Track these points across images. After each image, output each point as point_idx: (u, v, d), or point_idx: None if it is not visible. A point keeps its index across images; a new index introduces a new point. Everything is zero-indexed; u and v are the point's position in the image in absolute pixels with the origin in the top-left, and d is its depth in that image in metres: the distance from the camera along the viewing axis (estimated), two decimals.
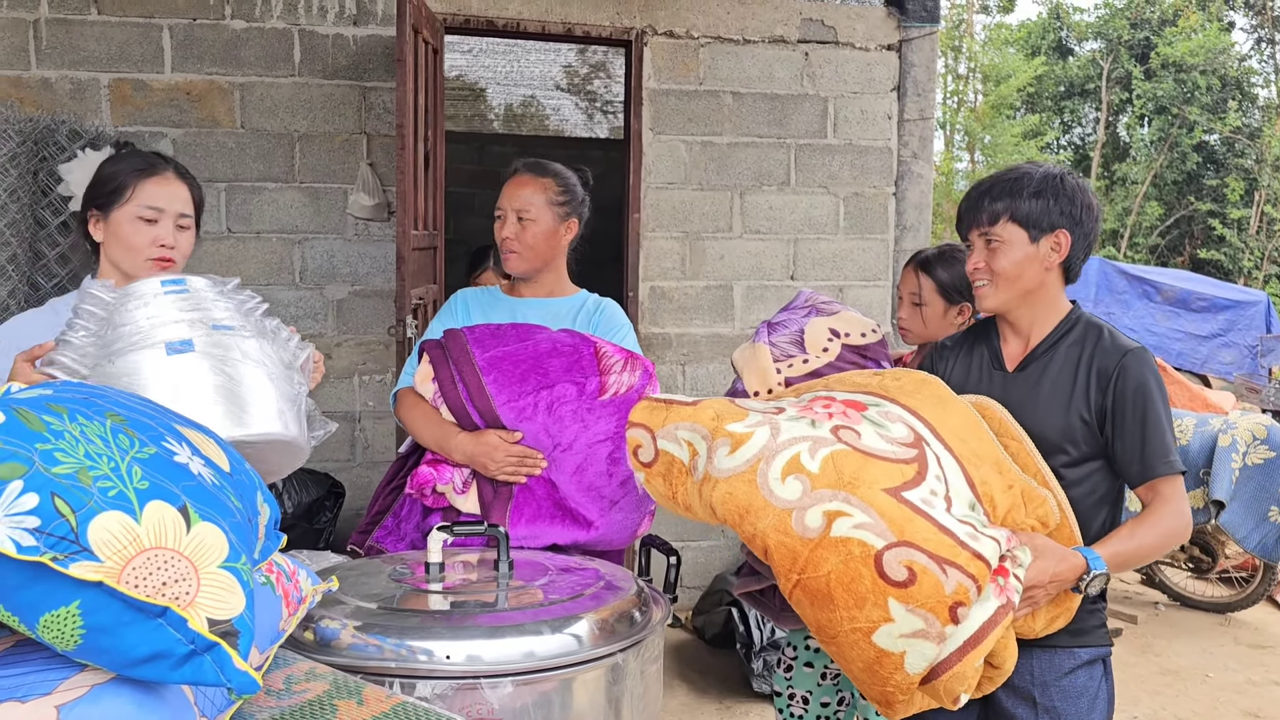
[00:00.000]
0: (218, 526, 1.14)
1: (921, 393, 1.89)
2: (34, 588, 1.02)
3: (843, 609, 1.61)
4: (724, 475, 1.72)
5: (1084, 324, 2.00)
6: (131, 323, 1.68)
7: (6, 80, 3.95)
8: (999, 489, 1.79)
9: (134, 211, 2.00)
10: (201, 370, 1.67)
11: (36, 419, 1.11)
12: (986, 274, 1.98)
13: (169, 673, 1.06)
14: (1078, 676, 1.93)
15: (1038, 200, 1.93)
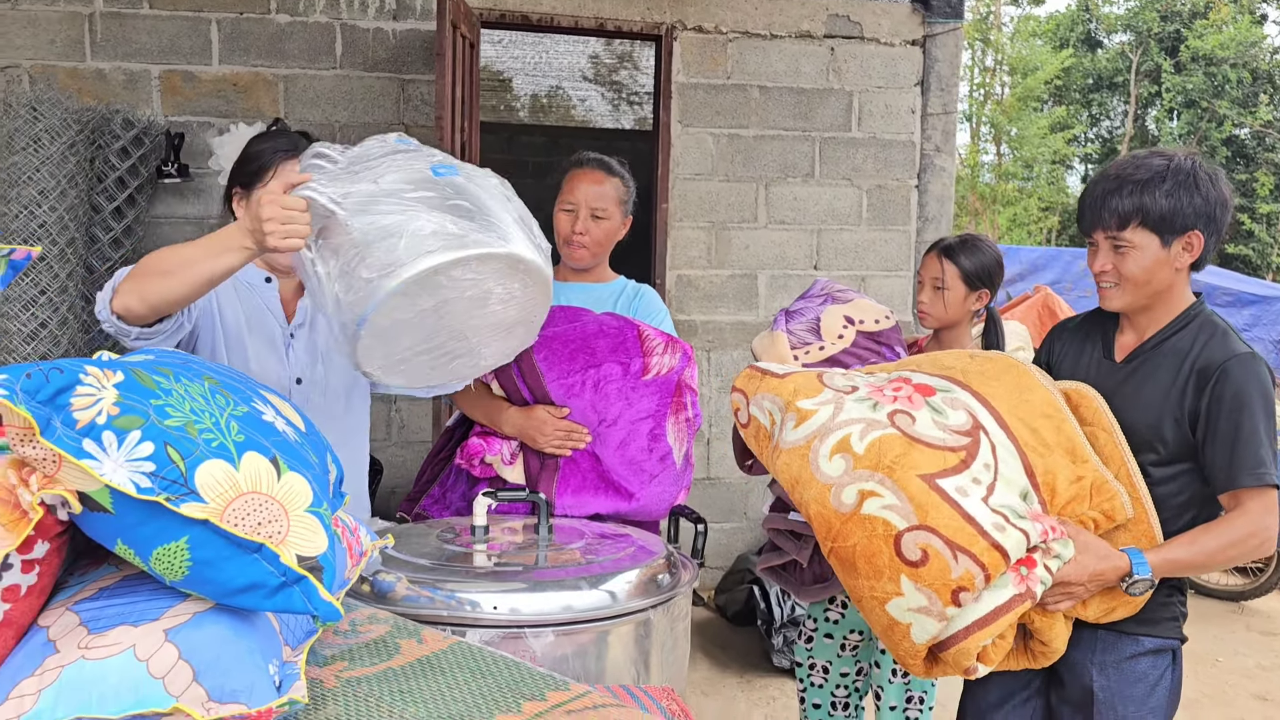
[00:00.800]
0: (303, 476, 1.29)
1: (1003, 379, 1.94)
2: (149, 524, 1.17)
3: (864, 578, 1.77)
4: (786, 446, 1.90)
5: (1201, 320, 1.92)
6: (384, 153, 1.72)
7: (64, 71, 4.12)
8: (1065, 479, 1.84)
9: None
10: (466, 190, 1.72)
11: (149, 378, 1.26)
12: (1114, 277, 1.91)
13: (263, 601, 1.21)
14: (1139, 663, 1.94)
15: (1170, 200, 1.83)
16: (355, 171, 1.68)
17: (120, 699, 1.12)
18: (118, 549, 1.20)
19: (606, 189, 2.47)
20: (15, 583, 1.16)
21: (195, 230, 4.26)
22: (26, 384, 1.15)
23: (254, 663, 1.19)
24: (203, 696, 1.14)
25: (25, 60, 4.10)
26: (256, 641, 1.22)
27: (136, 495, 1.14)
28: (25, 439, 1.14)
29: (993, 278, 2.72)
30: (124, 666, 1.14)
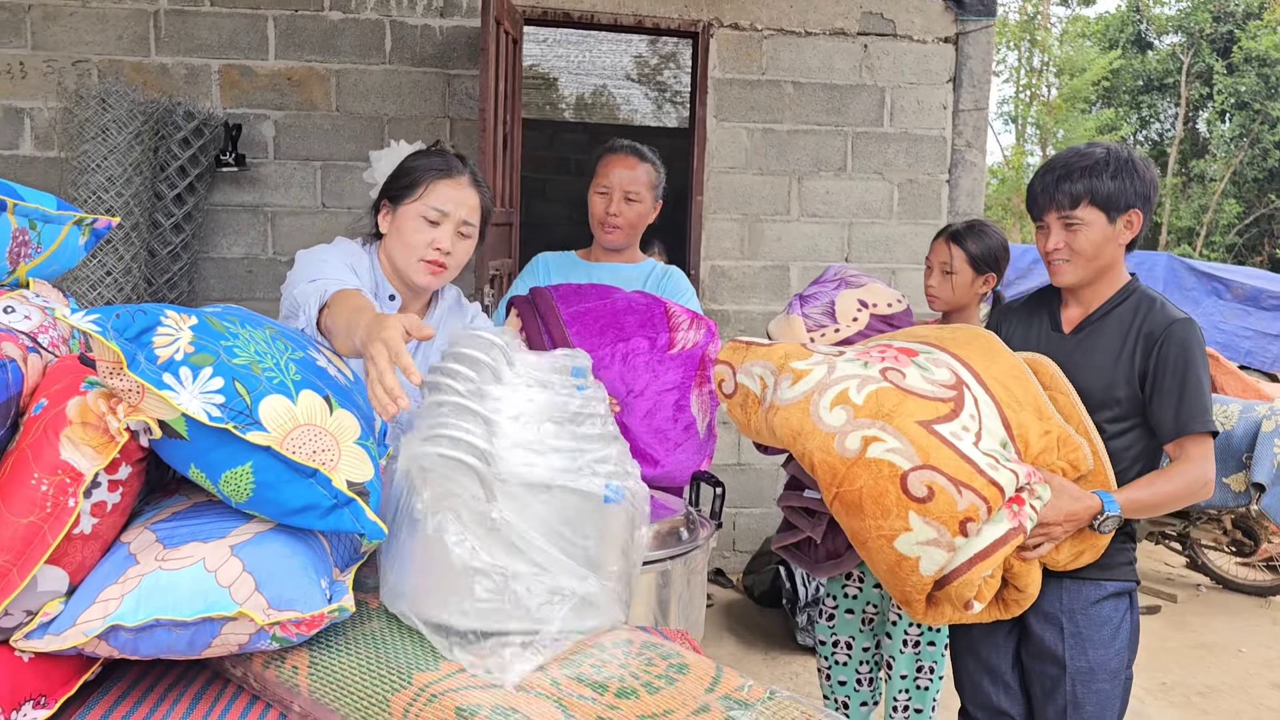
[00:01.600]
0: (352, 413, 1.44)
1: (974, 344, 2.14)
2: (219, 450, 1.33)
3: (871, 518, 1.88)
4: (784, 404, 2.01)
5: (1139, 294, 2.14)
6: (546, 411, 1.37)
7: (130, 65, 4.35)
8: (1035, 433, 2.02)
9: (420, 210, 1.98)
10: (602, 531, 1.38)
11: (219, 323, 1.43)
12: (1066, 253, 2.10)
13: (317, 521, 1.36)
14: (1104, 606, 2.13)
15: (1115, 182, 2.03)
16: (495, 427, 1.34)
17: (192, 603, 1.28)
18: (191, 473, 1.37)
19: (639, 173, 2.62)
20: (103, 499, 1.32)
21: (251, 217, 4.47)
22: (116, 323, 1.31)
23: (308, 576, 1.35)
24: (263, 604, 1.29)
25: (95, 55, 4.33)
26: (310, 559, 1.38)
27: (208, 423, 1.30)
28: (114, 371, 1.31)
29: (998, 261, 2.82)
30: (195, 576, 1.30)
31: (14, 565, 1.26)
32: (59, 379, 1.37)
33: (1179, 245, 21.75)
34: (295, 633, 1.31)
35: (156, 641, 1.29)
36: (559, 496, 1.30)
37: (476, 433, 1.31)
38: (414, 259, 1.99)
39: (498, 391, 1.35)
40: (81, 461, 1.28)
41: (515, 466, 1.30)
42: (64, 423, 1.30)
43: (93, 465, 1.29)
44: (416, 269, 2.00)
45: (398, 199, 2.03)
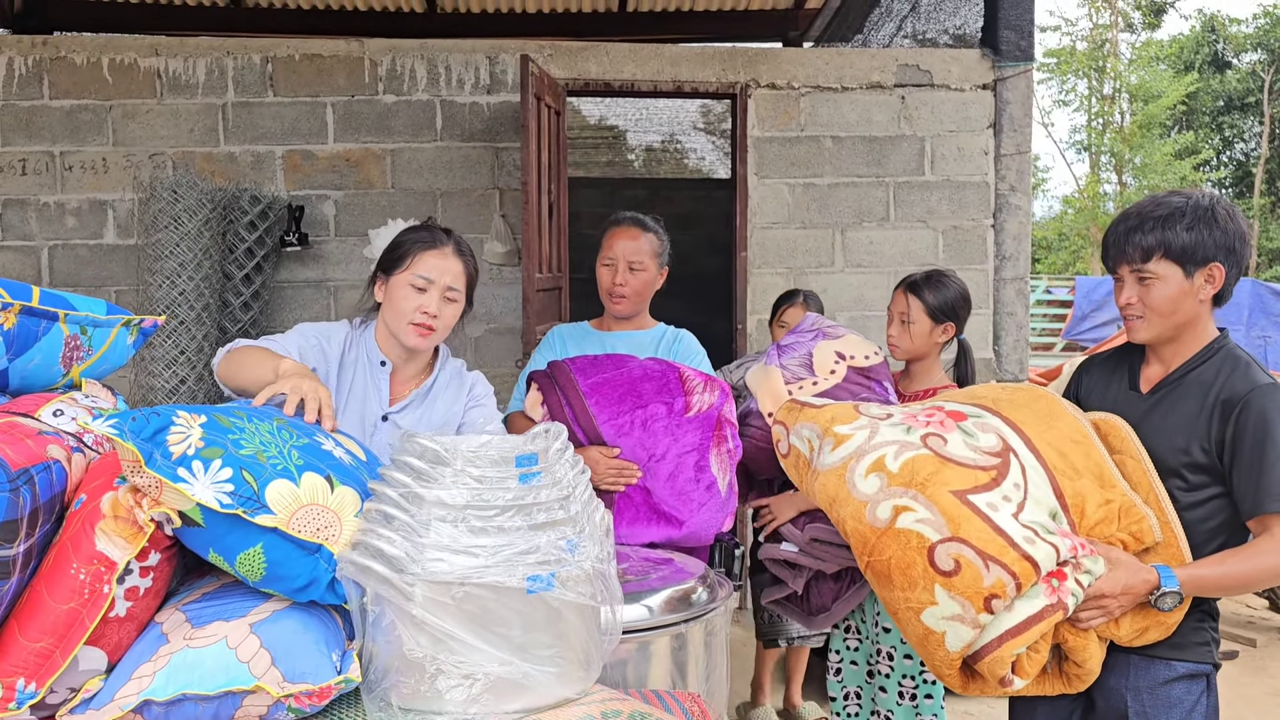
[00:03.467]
0: (353, 488, 1.57)
1: (1031, 407, 2.06)
2: (233, 534, 1.46)
3: (899, 589, 1.87)
4: (824, 469, 2.03)
5: (1224, 354, 2.00)
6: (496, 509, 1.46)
7: (200, 155, 4.65)
8: (1094, 502, 1.93)
9: (409, 279, 2.16)
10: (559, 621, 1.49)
11: (226, 419, 1.56)
12: (1140, 309, 1.99)
13: (323, 593, 1.48)
14: (1174, 688, 1.98)
15: (1191, 234, 1.92)
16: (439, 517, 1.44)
17: (215, 678, 1.40)
18: (210, 556, 1.50)
19: (641, 244, 2.74)
20: (135, 585, 1.46)
21: (315, 293, 4.71)
22: (133, 425, 1.46)
23: (319, 650, 1.46)
24: (279, 677, 1.41)
25: (169, 148, 4.64)
26: (322, 633, 1.50)
27: (221, 510, 1.43)
28: (135, 469, 1.45)
29: (957, 311, 2.82)
30: (218, 653, 1.43)
31: (57, 647, 1.40)
32: (98, 476, 1.52)
33: (1271, 267, 21.02)
34: (308, 704, 1.42)
35: (185, 714, 1.41)
36: (472, 591, 1.41)
37: (394, 539, 1.44)
38: (404, 323, 2.17)
39: (430, 494, 1.46)
40: (115, 551, 1.42)
41: (432, 566, 1.42)
42: (98, 516, 1.44)
43: (124, 554, 1.43)
44: (406, 331, 2.17)
45: (389, 270, 2.22)
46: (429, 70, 4.73)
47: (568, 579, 1.49)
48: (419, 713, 1.43)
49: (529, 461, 1.54)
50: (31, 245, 4.64)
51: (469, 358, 4.79)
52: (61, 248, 4.65)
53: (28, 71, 4.61)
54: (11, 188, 4.62)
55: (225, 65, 4.67)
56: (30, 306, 1.64)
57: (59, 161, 4.63)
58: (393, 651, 1.45)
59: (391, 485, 1.52)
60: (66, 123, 4.62)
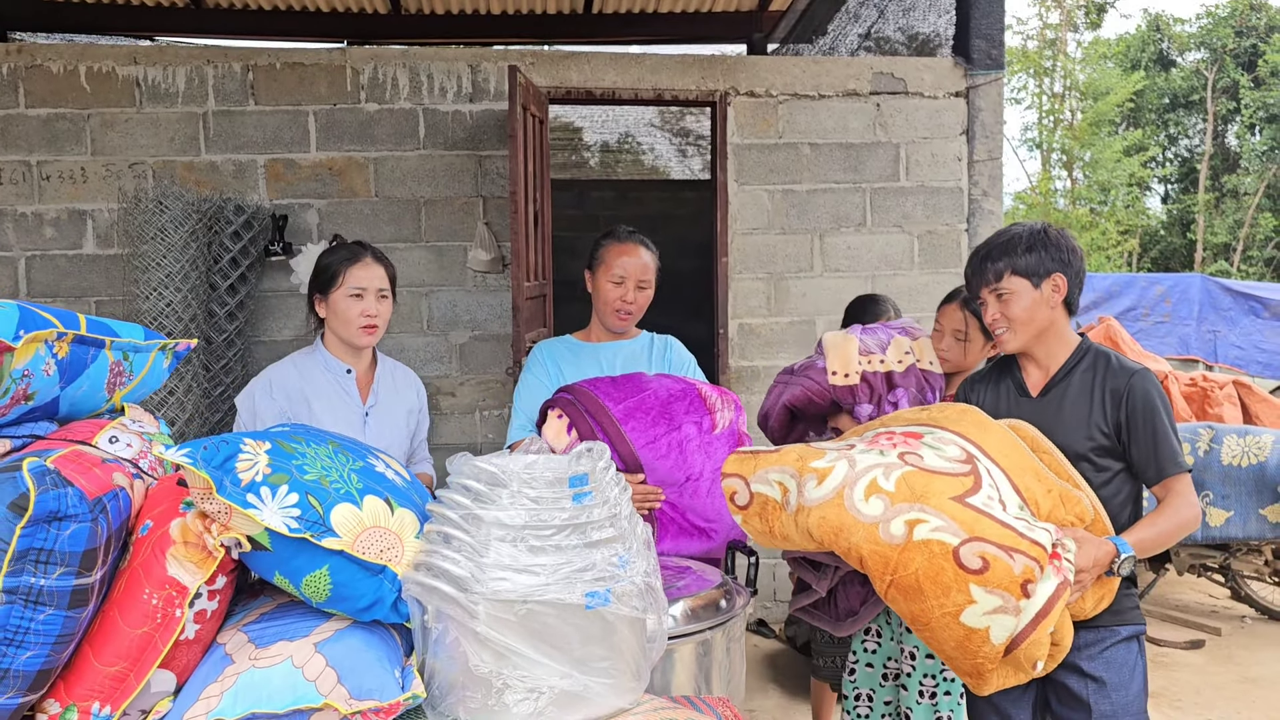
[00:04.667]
0: (411, 511, 1.62)
1: (964, 420, 2.25)
2: (299, 557, 1.51)
3: (932, 598, 1.92)
4: (816, 503, 2.06)
5: (1093, 353, 2.36)
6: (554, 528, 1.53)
7: (181, 165, 4.62)
8: (1040, 493, 2.14)
9: (345, 292, 2.54)
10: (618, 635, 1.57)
11: (289, 445, 1.61)
12: (1004, 322, 2.33)
13: (387, 613, 1.54)
14: (1118, 650, 2.25)
15: (1031, 254, 2.29)
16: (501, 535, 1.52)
17: (283, 697, 1.45)
18: (276, 579, 1.54)
19: (648, 262, 2.82)
20: (204, 608, 1.50)
21: (298, 301, 4.71)
22: (204, 454, 1.50)
23: (383, 667, 1.52)
24: (345, 695, 1.46)
25: (149, 157, 4.61)
26: (384, 651, 1.55)
27: (288, 534, 1.48)
28: (205, 496, 1.49)
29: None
30: (285, 672, 1.47)
31: (131, 670, 1.44)
32: (160, 502, 1.56)
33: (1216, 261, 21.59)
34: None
35: None
36: (535, 608, 1.49)
37: (458, 559, 1.51)
38: (354, 328, 2.55)
39: (488, 514, 1.53)
40: (186, 576, 1.47)
41: (495, 585, 1.49)
42: (169, 542, 1.48)
43: (195, 579, 1.47)
44: (357, 335, 2.56)
45: (326, 289, 2.57)
46: (411, 78, 4.75)
47: (622, 594, 1.56)
48: None
49: (581, 481, 1.60)
50: (9, 256, 4.58)
51: (454, 365, 4.83)
52: (40, 258, 4.60)
53: (2, 80, 4.55)
54: None
55: (205, 73, 4.65)
56: (81, 335, 1.67)
57: (36, 171, 4.58)
58: (456, 667, 1.51)
59: (450, 507, 1.57)
60: (43, 132, 4.57)
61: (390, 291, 2.64)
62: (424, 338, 4.81)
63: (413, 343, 4.79)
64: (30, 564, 1.32)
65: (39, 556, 1.33)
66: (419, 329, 4.81)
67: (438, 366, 4.81)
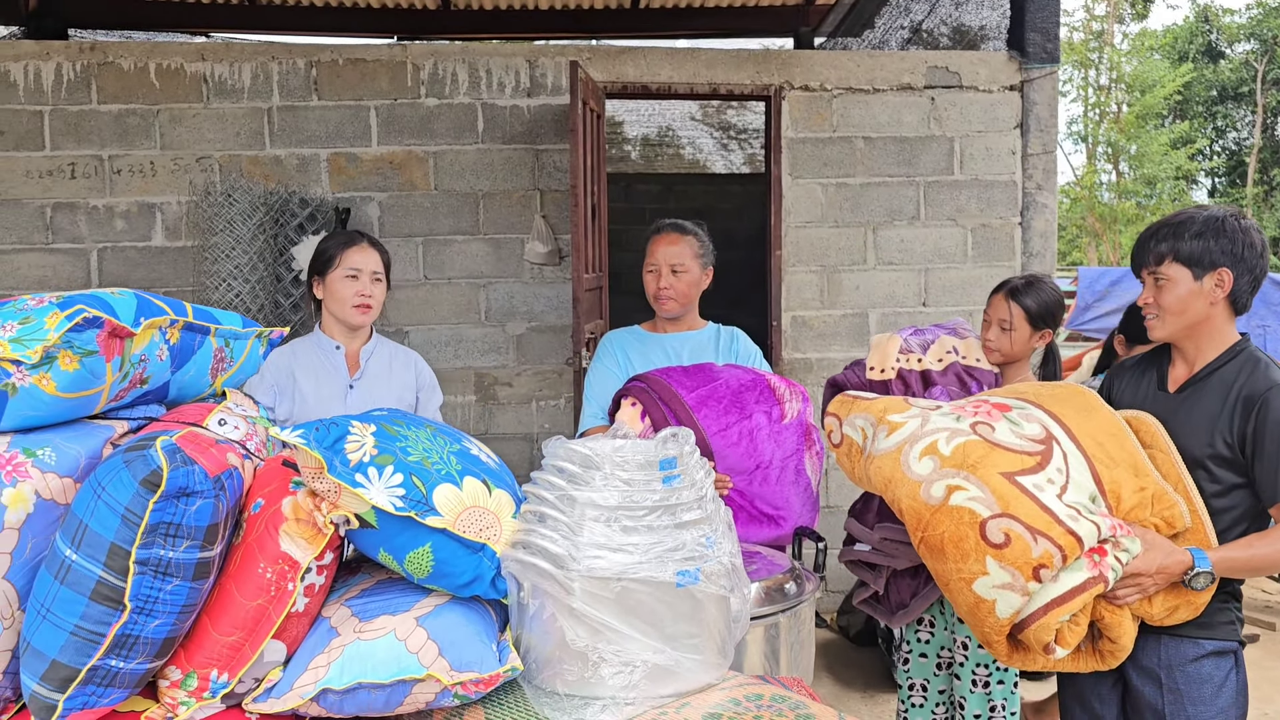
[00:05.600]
0: (507, 492, 1.69)
1: (1071, 402, 2.24)
2: (403, 535, 1.57)
3: (952, 561, 2.01)
4: (879, 453, 2.18)
5: (1245, 355, 2.18)
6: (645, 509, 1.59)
7: (246, 159, 4.73)
8: (1129, 488, 2.10)
9: (342, 273, 2.68)
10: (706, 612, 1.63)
11: (392, 428, 1.68)
12: (1155, 308, 2.20)
13: (486, 589, 1.60)
14: (1203, 665, 2.15)
15: (1199, 241, 2.12)
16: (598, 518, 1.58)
17: (388, 668, 1.52)
18: (380, 556, 1.61)
19: (681, 247, 2.87)
20: (313, 582, 1.57)
21: None
22: (315, 435, 1.58)
23: (481, 641, 1.58)
24: (447, 667, 1.53)
25: (216, 151, 4.72)
26: (482, 625, 1.62)
27: (394, 513, 1.55)
28: (316, 475, 1.56)
29: (1055, 316, 2.93)
30: (389, 645, 1.54)
31: (246, 640, 1.52)
32: (269, 481, 1.63)
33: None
34: (474, 690, 1.54)
35: (358, 701, 1.53)
36: (628, 586, 1.54)
37: (555, 538, 1.57)
38: (348, 306, 2.68)
39: (582, 495, 1.59)
40: (298, 552, 1.54)
41: (590, 562, 1.55)
42: (281, 520, 1.55)
43: (307, 555, 1.55)
44: (351, 313, 2.68)
45: (324, 271, 2.72)
46: (470, 74, 4.82)
47: (710, 573, 1.61)
48: (581, 698, 1.55)
49: (670, 465, 1.66)
50: (81, 248, 4.72)
51: (511, 355, 4.90)
52: (111, 250, 4.74)
53: (76, 77, 4.69)
54: (61, 191, 4.70)
55: (270, 69, 4.75)
56: (190, 322, 1.75)
57: (108, 165, 4.71)
58: (552, 642, 1.57)
59: (546, 488, 1.63)
60: (115, 127, 4.70)
61: (385, 276, 2.77)
62: (481, 329, 4.89)
63: (470, 333, 4.87)
64: (160, 537, 1.40)
65: (168, 530, 1.40)
66: (477, 320, 4.89)
67: (495, 357, 4.89)
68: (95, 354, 1.53)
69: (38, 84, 4.67)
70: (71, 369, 1.51)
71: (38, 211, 4.70)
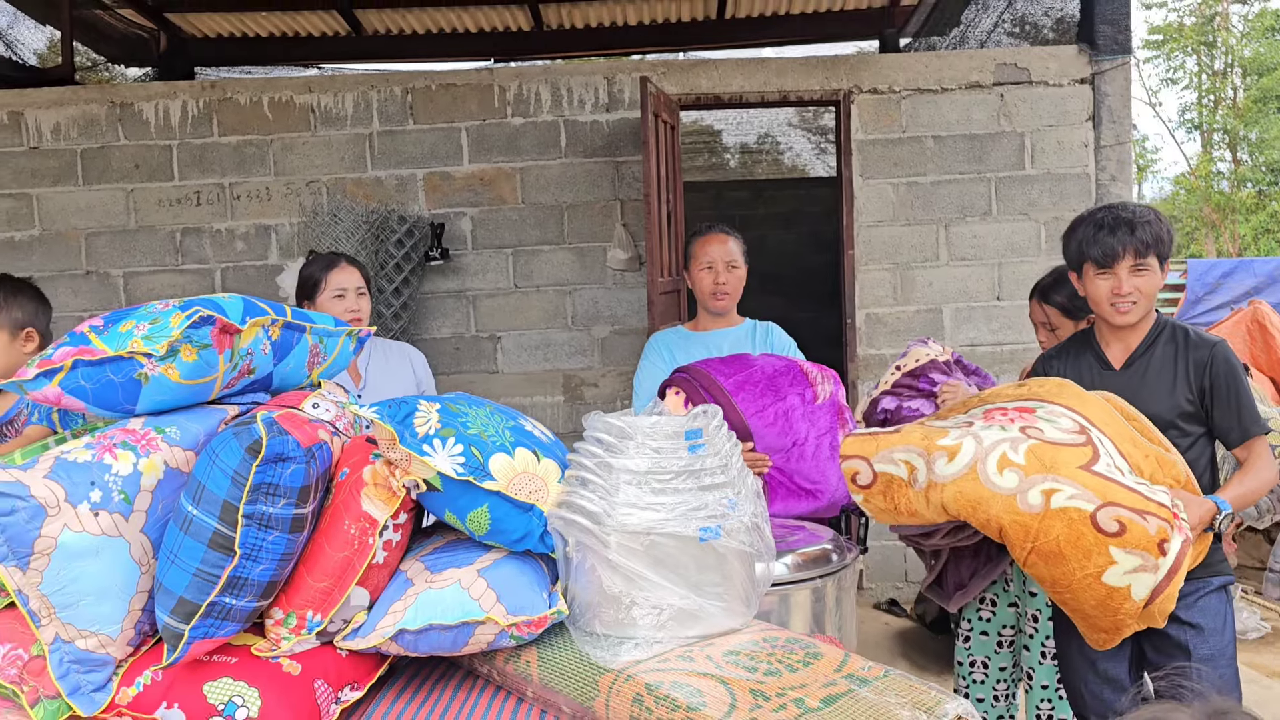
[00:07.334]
0: (554, 461, 1.93)
1: (1065, 393, 2.36)
2: (464, 497, 1.83)
3: (1074, 562, 2.04)
4: (950, 479, 2.16)
5: (1171, 326, 2.53)
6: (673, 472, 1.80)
7: (350, 181, 5.14)
8: (1140, 458, 2.25)
9: (330, 295, 2.94)
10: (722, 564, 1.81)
11: (454, 406, 1.95)
12: (1138, 296, 2.45)
13: (535, 544, 1.85)
14: (1211, 599, 2.43)
15: (1168, 235, 2.46)
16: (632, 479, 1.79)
17: (454, 612, 1.77)
18: (446, 516, 1.88)
19: (731, 246, 3.12)
20: (390, 538, 1.85)
21: (455, 302, 5.15)
22: (389, 412, 1.85)
23: (533, 589, 1.83)
24: (504, 611, 1.78)
25: (323, 175, 5.14)
26: (534, 576, 1.86)
27: (456, 478, 1.80)
28: (390, 446, 1.84)
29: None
30: (455, 592, 1.80)
31: (335, 586, 1.80)
32: (353, 454, 1.91)
33: None
34: (527, 631, 1.78)
35: (430, 641, 1.79)
36: (657, 539, 1.76)
37: (593, 498, 1.79)
38: None
39: (617, 462, 1.81)
40: (376, 511, 1.81)
41: (623, 519, 1.76)
42: (362, 484, 1.83)
43: (384, 514, 1.82)
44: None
45: (312, 295, 2.95)
46: (552, 93, 5.13)
47: (731, 529, 1.83)
48: (617, 637, 1.78)
49: (695, 435, 1.87)
50: (206, 268, 5.20)
51: (596, 357, 5.18)
52: (232, 269, 5.20)
53: (199, 113, 5.17)
54: (188, 217, 5.18)
55: (370, 98, 5.15)
56: (288, 321, 2.06)
57: (228, 192, 5.18)
58: (593, 589, 1.81)
59: (586, 456, 1.87)
60: (234, 156, 5.17)
61: (366, 289, 3.00)
62: (568, 333, 5.18)
63: (558, 337, 5.17)
64: (262, 495, 1.69)
65: (269, 490, 1.69)
66: (564, 324, 5.18)
67: (581, 359, 5.17)
68: (209, 347, 1.83)
69: (166, 120, 5.16)
70: (191, 360, 1.82)
71: (169, 236, 5.20)
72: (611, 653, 1.76)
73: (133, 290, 5.19)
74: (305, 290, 3.00)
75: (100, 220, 5.19)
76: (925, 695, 1.60)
